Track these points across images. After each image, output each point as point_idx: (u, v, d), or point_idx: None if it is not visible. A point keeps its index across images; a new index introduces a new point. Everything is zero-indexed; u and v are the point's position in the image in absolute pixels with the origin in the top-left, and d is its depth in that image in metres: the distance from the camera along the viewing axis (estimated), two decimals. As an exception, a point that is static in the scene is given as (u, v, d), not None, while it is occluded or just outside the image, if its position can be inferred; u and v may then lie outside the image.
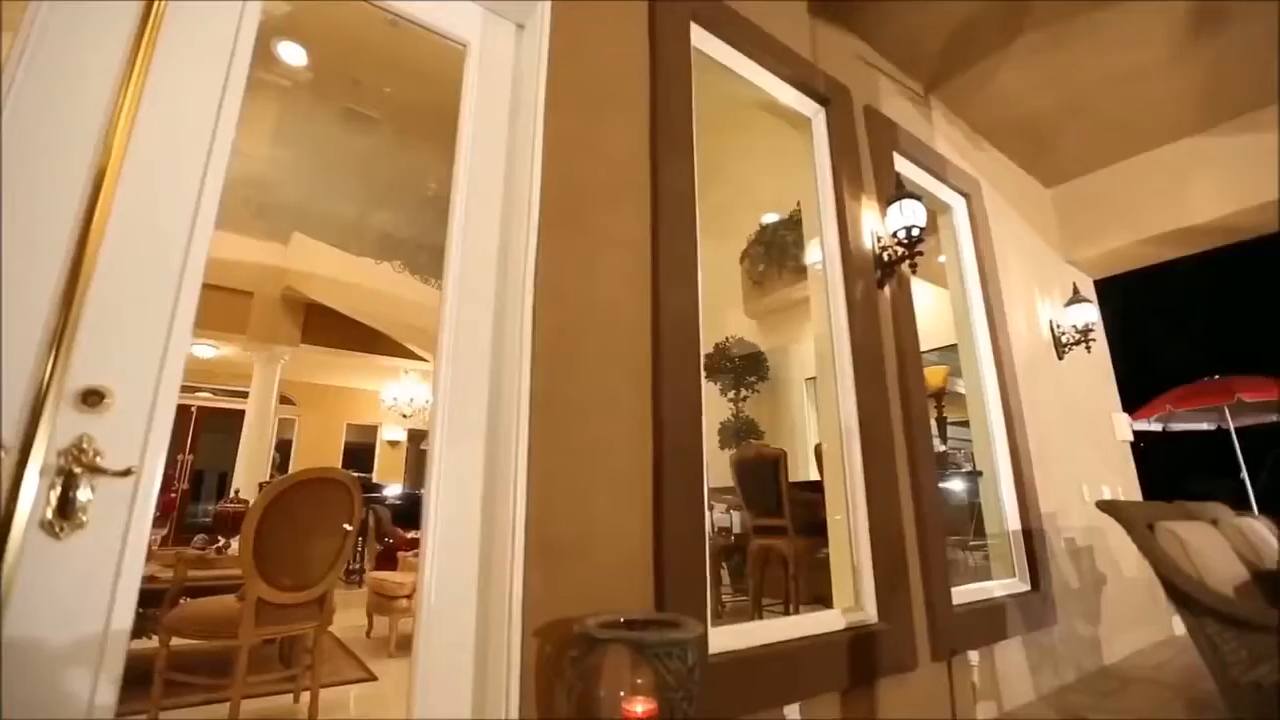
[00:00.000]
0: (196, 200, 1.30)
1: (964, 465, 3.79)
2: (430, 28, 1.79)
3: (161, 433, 1.17)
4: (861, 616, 2.13)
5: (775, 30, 2.58)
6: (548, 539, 1.50)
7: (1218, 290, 16.29)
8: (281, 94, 4.72)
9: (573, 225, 1.76)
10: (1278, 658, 1.59)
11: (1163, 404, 7.03)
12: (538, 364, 1.58)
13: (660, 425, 1.70)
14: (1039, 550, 3.05)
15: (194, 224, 1.29)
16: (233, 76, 1.39)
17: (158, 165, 1.27)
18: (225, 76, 1.38)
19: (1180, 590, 1.73)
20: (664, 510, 1.64)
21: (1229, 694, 1.65)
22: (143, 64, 1.27)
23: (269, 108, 4.85)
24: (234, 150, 1.38)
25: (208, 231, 1.31)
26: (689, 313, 1.86)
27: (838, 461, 2.29)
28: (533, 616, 1.44)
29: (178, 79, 1.32)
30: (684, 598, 1.62)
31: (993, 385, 3.22)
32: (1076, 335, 3.90)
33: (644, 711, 1.30)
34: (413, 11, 1.74)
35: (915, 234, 2.49)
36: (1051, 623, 2.99)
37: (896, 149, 3.04)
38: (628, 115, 1.97)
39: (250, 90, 1.43)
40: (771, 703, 1.76)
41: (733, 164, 4.34)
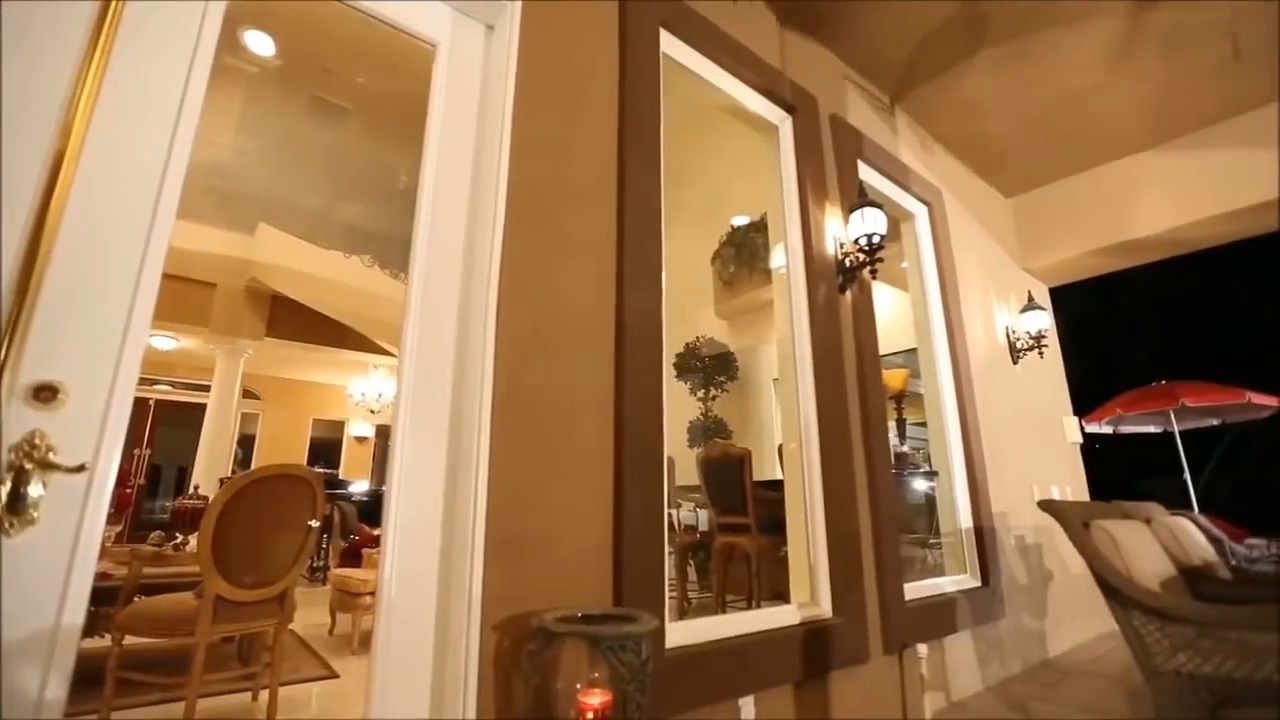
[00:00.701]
0: (158, 188, 1.29)
1: (922, 465, 3.91)
2: (399, 27, 1.79)
3: (117, 427, 1.17)
4: (817, 611, 2.20)
5: (744, 38, 2.63)
6: (508, 535, 1.53)
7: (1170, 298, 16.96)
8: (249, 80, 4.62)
9: (539, 225, 1.78)
10: (1195, 647, 1.71)
11: (1113, 408, 7.31)
12: (501, 361, 1.60)
13: (622, 424, 1.74)
14: (989, 548, 3.17)
15: (155, 212, 1.28)
16: (198, 61, 1.38)
17: (119, 150, 1.25)
18: (190, 61, 1.37)
19: (1110, 584, 1.83)
20: (624, 508, 1.68)
21: (1152, 681, 1.76)
22: (105, 46, 1.25)
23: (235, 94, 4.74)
24: (198, 137, 1.37)
25: (169, 220, 1.30)
26: (653, 314, 1.90)
27: (797, 461, 2.36)
28: (492, 611, 1.47)
29: (141, 62, 1.30)
30: (643, 593, 1.66)
31: (949, 388, 3.33)
32: (1030, 341, 4.05)
33: (599, 703, 1.34)
34: (382, 11, 1.75)
35: (876, 241, 2.57)
36: (1000, 617, 3.12)
37: (861, 157, 3.13)
38: (596, 117, 2.00)
39: (216, 75, 1.42)
40: (726, 695, 1.82)
41: (705, 165, 4.40)
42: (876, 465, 2.53)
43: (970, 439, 3.29)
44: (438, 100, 1.79)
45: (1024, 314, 4.06)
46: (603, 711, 1.34)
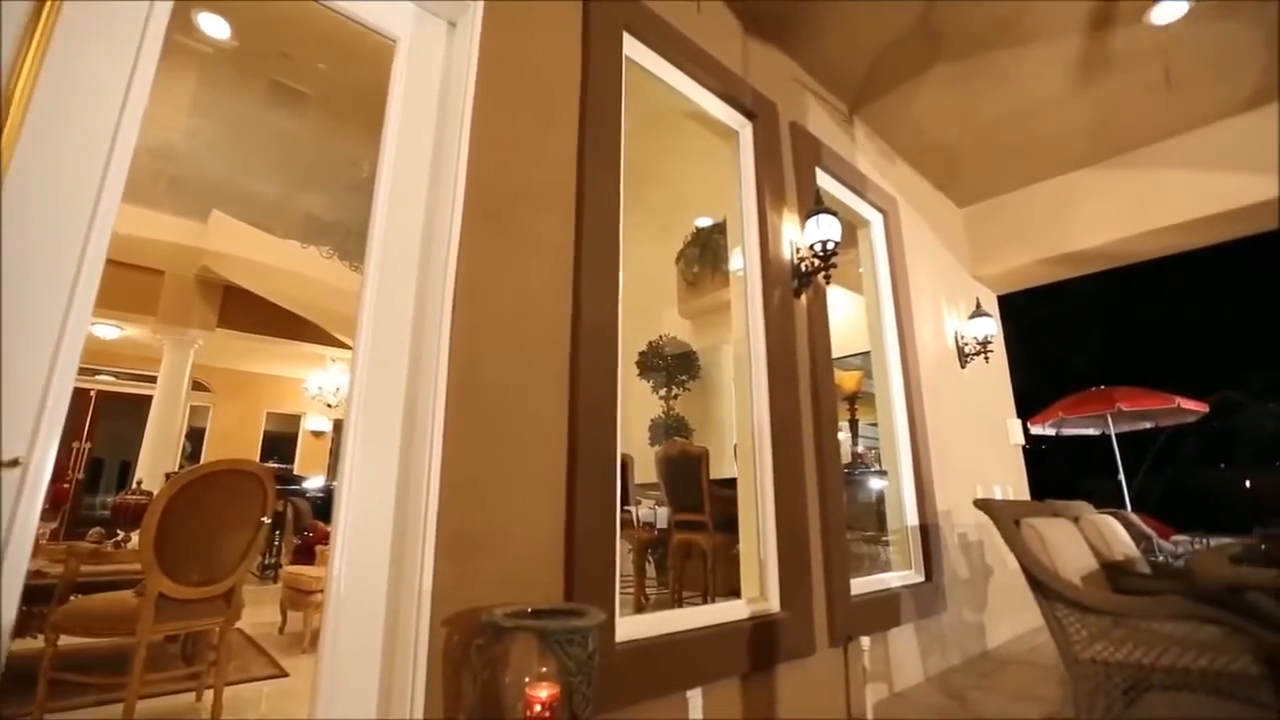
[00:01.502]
0: (103, 171, 1.26)
1: (873, 465, 4.04)
2: (360, 21, 1.78)
3: (54, 420, 1.14)
4: (765, 606, 2.27)
5: (708, 43, 2.68)
6: (460, 531, 1.55)
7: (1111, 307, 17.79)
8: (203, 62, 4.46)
9: (497, 223, 1.79)
10: (1110, 636, 1.83)
11: (1056, 410, 7.64)
12: (456, 358, 1.61)
13: (576, 422, 1.77)
14: (933, 544, 3.30)
15: (99, 196, 1.25)
16: (147, 40, 1.35)
17: (60, 131, 1.22)
18: (139, 40, 1.34)
19: (1036, 578, 1.94)
20: (576, 505, 1.71)
21: (1072, 668, 1.87)
22: (47, 24, 1.22)
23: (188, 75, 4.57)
24: (147, 118, 1.34)
25: (114, 204, 1.27)
26: (609, 315, 1.94)
27: (750, 460, 2.42)
28: (442, 607, 1.48)
29: (85, 40, 1.27)
30: (593, 589, 1.70)
31: (899, 391, 3.45)
32: (978, 346, 4.21)
33: (547, 696, 1.37)
34: (342, 5, 1.73)
35: (830, 247, 2.65)
36: (942, 610, 3.25)
37: (819, 164, 3.21)
38: (557, 118, 2.02)
39: (168, 56, 1.40)
40: (674, 688, 1.87)
41: (670, 166, 4.43)
42: (827, 465, 2.62)
43: (918, 440, 3.42)
44: (397, 95, 1.78)
45: (972, 320, 4.22)
46: (550, 704, 1.37)
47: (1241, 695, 1.62)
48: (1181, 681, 1.72)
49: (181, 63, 4.34)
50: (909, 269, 3.83)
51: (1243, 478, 15.00)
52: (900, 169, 4.18)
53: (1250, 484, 14.64)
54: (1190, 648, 1.71)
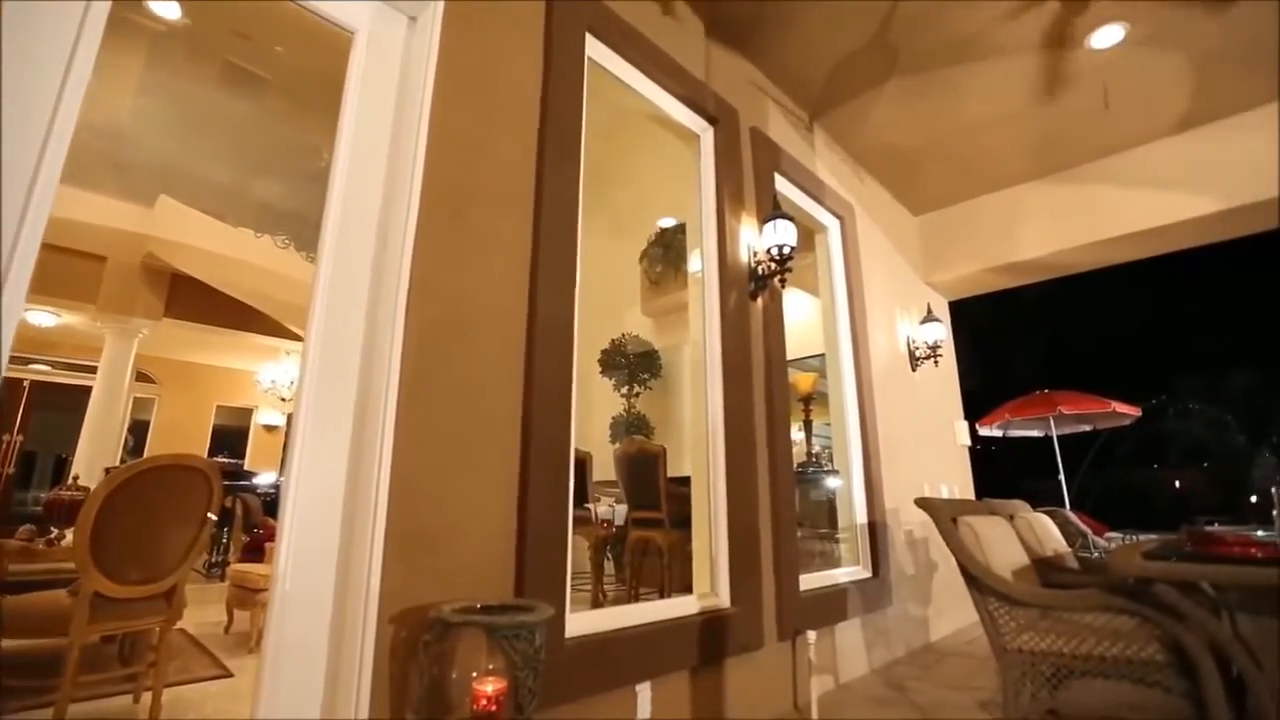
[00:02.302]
0: (40, 150, 1.22)
1: (826, 464, 4.15)
2: (316, 12, 1.76)
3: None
4: (715, 602, 2.32)
5: (671, 47, 2.72)
6: (411, 527, 1.55)
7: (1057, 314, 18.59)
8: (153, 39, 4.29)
9: (454, 220, 1.79)
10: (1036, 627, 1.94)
11: (1003, 413, 7.95)
12: (409, 354, 1.61)
13: (530, 419, 1.79)
14: (881, 542, 3.42)
15: (35, 175, 1.21)
16: (91, 14, 1.31)
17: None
18: (83, 13, 1.30)
19: (970, 573, 2.05)
20: (529, 502, 1.73)
21: (1001, 657, 1.98)
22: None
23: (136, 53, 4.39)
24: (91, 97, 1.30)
25: (51, 185, 1.23)
26: (565, 312, 1.95)
27: (704, 458, 2.47)
28: (391, 604, 1.48)
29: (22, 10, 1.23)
30: (544, 585, 1.72)
31: (851, 392, 3.56)
32: (928, 350, 4.37)
33: (493, 690, 1.39)
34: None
35: (786, 252, 2.71)
36: (888, 605, 3.37)
37: (779, 170, 3.29)
38: (517, 117, 2.03)
39: (114, 31, 1.36)
40: (624, 681, 1.90)
41: (635, 166, 4.47)
42: (779, 464, 2.69)
43: (869, 440, 3.53)
44: (354, 88, 1.76)
45: (923, 325, 4.37)
46: (496, 698, 1.39)
47: (1150, 680, 1.74)
48: (1099, 668, 1.83)
49: (129, 40, 4.17)
50: (864, 274, 3.95)
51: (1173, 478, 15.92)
52: (858, 176, 4.30)
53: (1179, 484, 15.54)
54: (1106, 637, 1.82)
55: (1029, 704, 1.98)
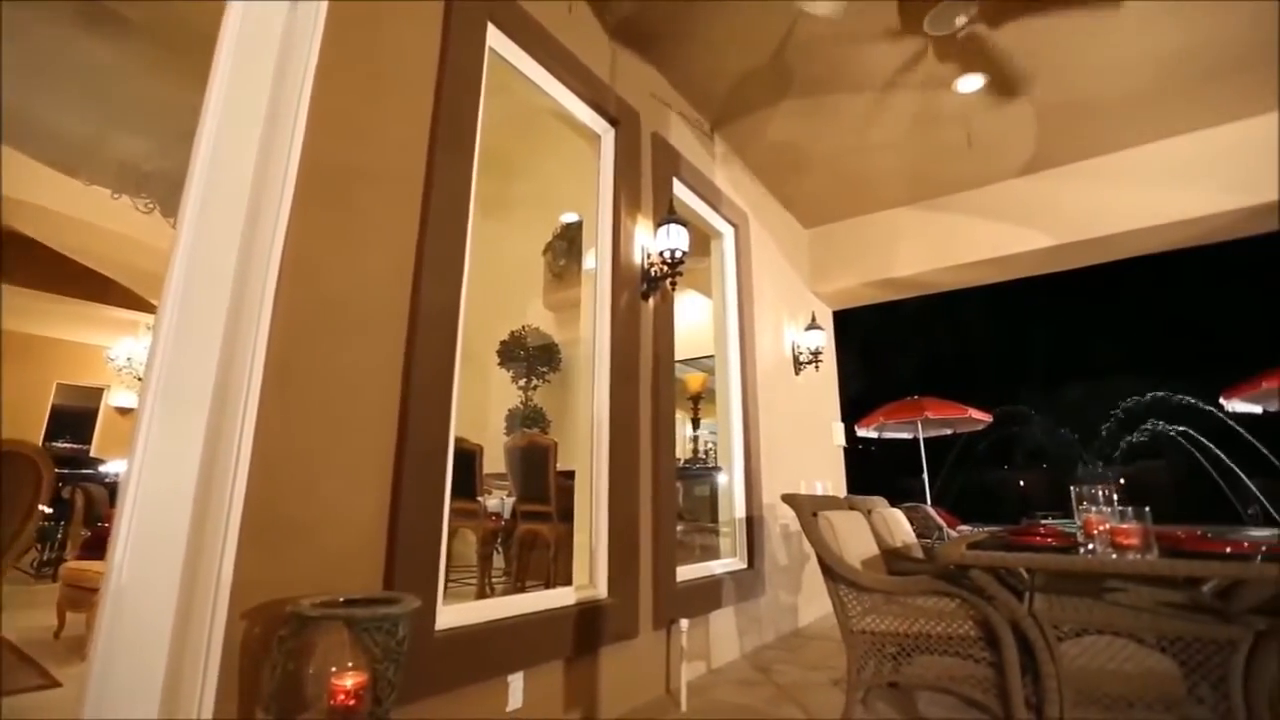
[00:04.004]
0: None
1: (712, 461, 4.35)
2: (181, -36, 1.63)
3: None
4: (593, 593, 2.39)
5: (576, 48, 2.74)
6: (273, 518, 1.49)
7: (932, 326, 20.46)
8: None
9: (335, 203, 1.73)
10: (879, 611, 2.16)
11: (879, 416, 8.63)
12: (278, 335, 1.54)
13: (407, 411, 1.76)
14: (757, 534, 3.64)
15: None
16: None
17: None
18: None
19: (825, 562, 2.24)
20: (403, 492, 1.71)
21: (848, 638, 2.19)
22: None
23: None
24: None
25: None
26: (450, 304, 1.94)
27: (588, 453, 2.53)
28: (245, 598, 1.42)
29: None
30: (416, 578, 1.70)
31: (737, 393, 3.75)
32: (810, 355, 4.68)
33: (353, 684, 1.38)
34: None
35: (678, 256, 2.82)
36: (761, 594, 3.59)
37: (677, 175, 3.40)
38: (409, 102, 1.98)
39: None
40: (496, 672, 1.92)
41: (543, 159, 4.44)
42: (662, 460, 2.80)
43: (750, 438, 3.74)
44: (225, 59, 1.65)
45: (807, 331, 4.68)
46: (356, 692, 1.38)
47: (965, 654, 1.99)
48: (931, 645, 2.07)
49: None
50: (755, 281, 4.17)
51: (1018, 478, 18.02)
52: (754, 187, 4.52)
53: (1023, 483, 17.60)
54: (934, 617, 2.06)
55: (872, 678, 2.20)
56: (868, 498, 3.21)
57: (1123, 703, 1.74)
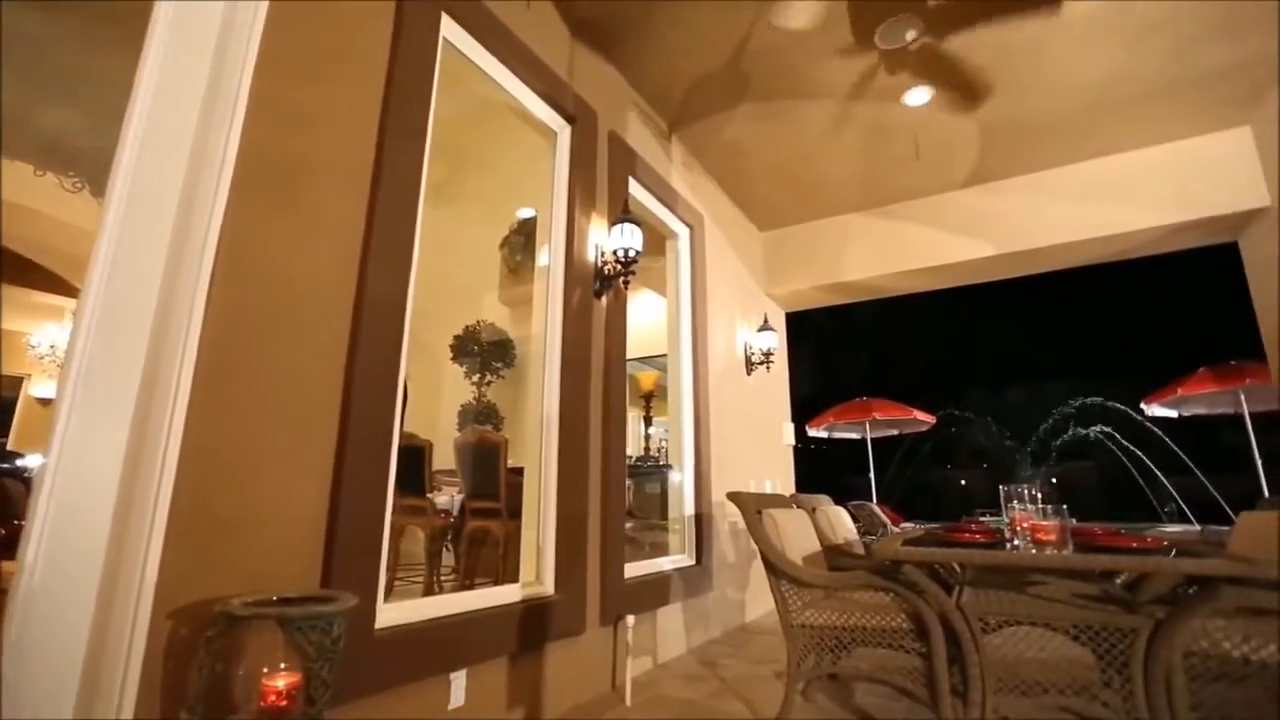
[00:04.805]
0: None
1: (663, 459, 4.39)
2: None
3: None
4: (539, 590, 2.39)
5: (534, 43, 2.72)
6: (204, 515, 1.44)
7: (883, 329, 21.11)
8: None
9: (277, 191, 1.68)
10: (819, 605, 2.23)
11: (829, 417, 8.86)
12: (213, 323, 1.49)
13: (349, 405, 1.72)
14: (706, 532, 3.69)
15: None
16: None
17: None
18: None
19: (768, 559, 2.30)
20: (343, 489, 1.67)
21: (788, 632, 2.25)
22: None
23: None
24: None
25: None
26: (397, 298, 1.91)
27: (537, 450, 2.52)
28: (172, 597, 1.37)
29: None
30: (356, 576, 1.67)
31: (689, 392, 3.80)
32: (762, 356, 4.77)
33: (285, 685, 1.34)
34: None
35: (631, 255, 2.84)
36: (708, 590, 3.65)
37: (634, 175, 3.41)
38: (357, 92, 1.94)
39: None
40: (438, 670, 1.90)
41: (501, 154, 4.39)
42: (611, 458, 2.81)
43: (701, 437, 3.79)
44: (160, 35, 1.58)
45: (760, 333, 4.77)
46: (288, 692, 1.35)
47: (898, 645, 2.08)
48: (867, 638, 2.14)
49: None
50: (709, 281, 4.22)
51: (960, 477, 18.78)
52: (711, 189, 4.58)
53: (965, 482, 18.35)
54: (870, 611, 2.14)
55: (812, 670, 2.27)
56: (812, 496, 3.30)
57: (1040, 689, 1.84)
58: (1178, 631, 1.65)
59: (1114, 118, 3.85)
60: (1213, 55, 3.32)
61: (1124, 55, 3.32)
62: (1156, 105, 3.73)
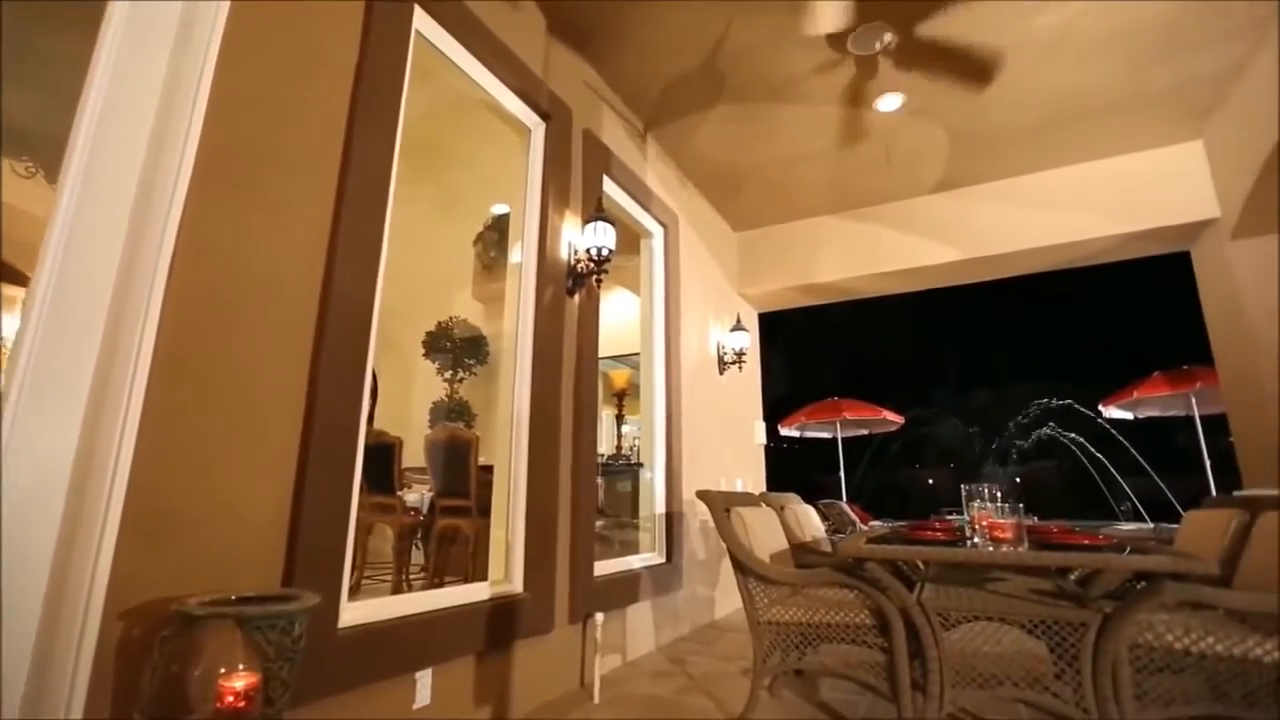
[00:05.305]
0: None
1: (635, 458, 4.40)
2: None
3: None
4: (508, 588, 2.38)
5: (509, 38, 2.71)
6: (160, 513, 1.41)
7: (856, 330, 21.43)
8: None
9: (241, 182, 1.65)
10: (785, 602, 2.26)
11: (800, 416, 8.97)
12: (171, 319, 1.46)
13: (314, 402, 1.70)
14: (677, 530, 3.71)
15: None
16: None
17: None
18: None
19: (735, 557, 2.33)
20: (306, 486, 1.65)
21: (754, 629, 2.28)
22: None
23: None
24: None
25: None
26: (365, 293, 1.88)
27: (507, 447, 2.51)
28: (125, 597, 1.34)
29: None
30: (319, 575, 1.65)
31: (661, 391, 3.81)
32: (734, 356, 4.81)
33: (243, 686, 1.32)
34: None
35: (605, 253, 2.84)
36: (678, 588, 3.67)
37: (608, 173, 3.41)
38: (326, 83, 1.90)
39: None
40: (403, 669, 1.89)
41: (475, 149, 4.35)
42: (582, 456, 2.81)
43: (673, 435, 3.81)
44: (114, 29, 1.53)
45: (732, 333, 4.81)
46: (247, 693, 1.32)
47: (861, 640, 2.12)
48: (831, 634, 2.18)
49: None
50: (683, 281, 4.24)
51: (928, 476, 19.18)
52: (685, 189, 4.60)
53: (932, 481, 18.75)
54: (834, 607, 2.18)
55: (778, 666, 2.30)
56: (781, 494, 3.35)
57: (996, 681, 1.90)
58: (1124, 625, 1.72)
59: (1074, 130, 3.97)
60: (1166, 73, 3.45)
61: (1083, 71, 3.43)
62: (1113, 119, 3.86)
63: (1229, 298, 3.77)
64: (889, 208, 4.90)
